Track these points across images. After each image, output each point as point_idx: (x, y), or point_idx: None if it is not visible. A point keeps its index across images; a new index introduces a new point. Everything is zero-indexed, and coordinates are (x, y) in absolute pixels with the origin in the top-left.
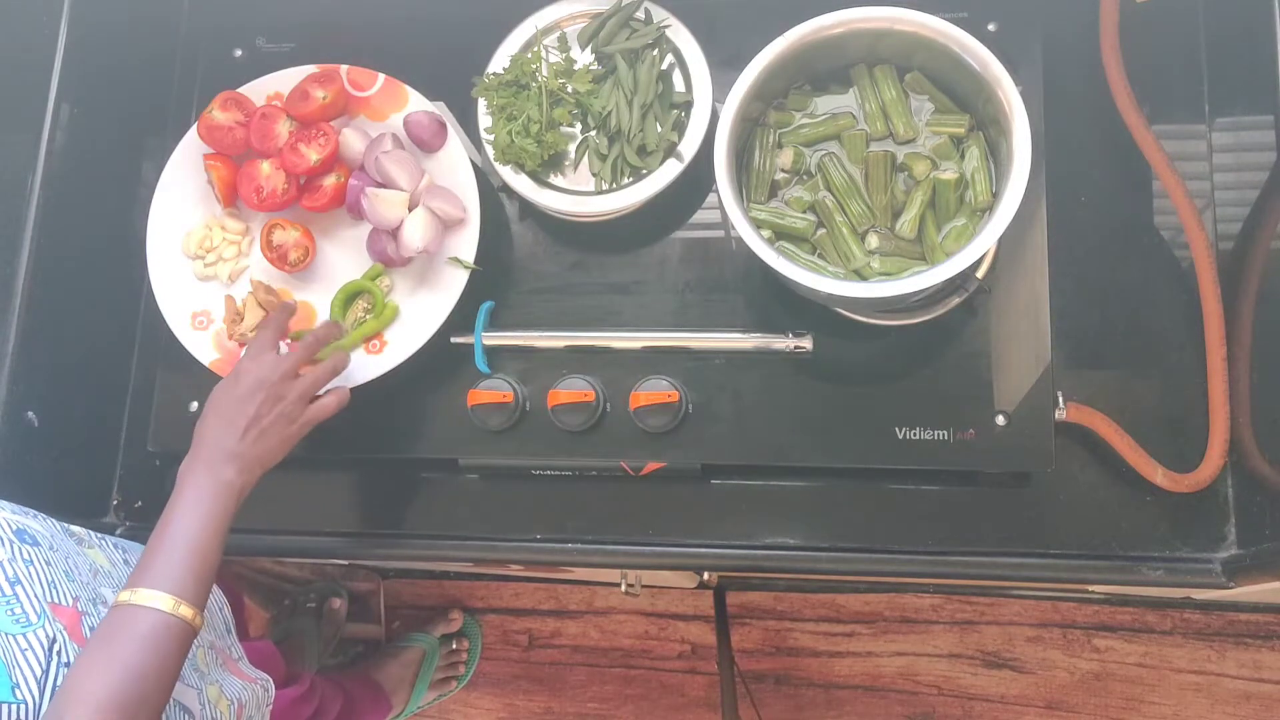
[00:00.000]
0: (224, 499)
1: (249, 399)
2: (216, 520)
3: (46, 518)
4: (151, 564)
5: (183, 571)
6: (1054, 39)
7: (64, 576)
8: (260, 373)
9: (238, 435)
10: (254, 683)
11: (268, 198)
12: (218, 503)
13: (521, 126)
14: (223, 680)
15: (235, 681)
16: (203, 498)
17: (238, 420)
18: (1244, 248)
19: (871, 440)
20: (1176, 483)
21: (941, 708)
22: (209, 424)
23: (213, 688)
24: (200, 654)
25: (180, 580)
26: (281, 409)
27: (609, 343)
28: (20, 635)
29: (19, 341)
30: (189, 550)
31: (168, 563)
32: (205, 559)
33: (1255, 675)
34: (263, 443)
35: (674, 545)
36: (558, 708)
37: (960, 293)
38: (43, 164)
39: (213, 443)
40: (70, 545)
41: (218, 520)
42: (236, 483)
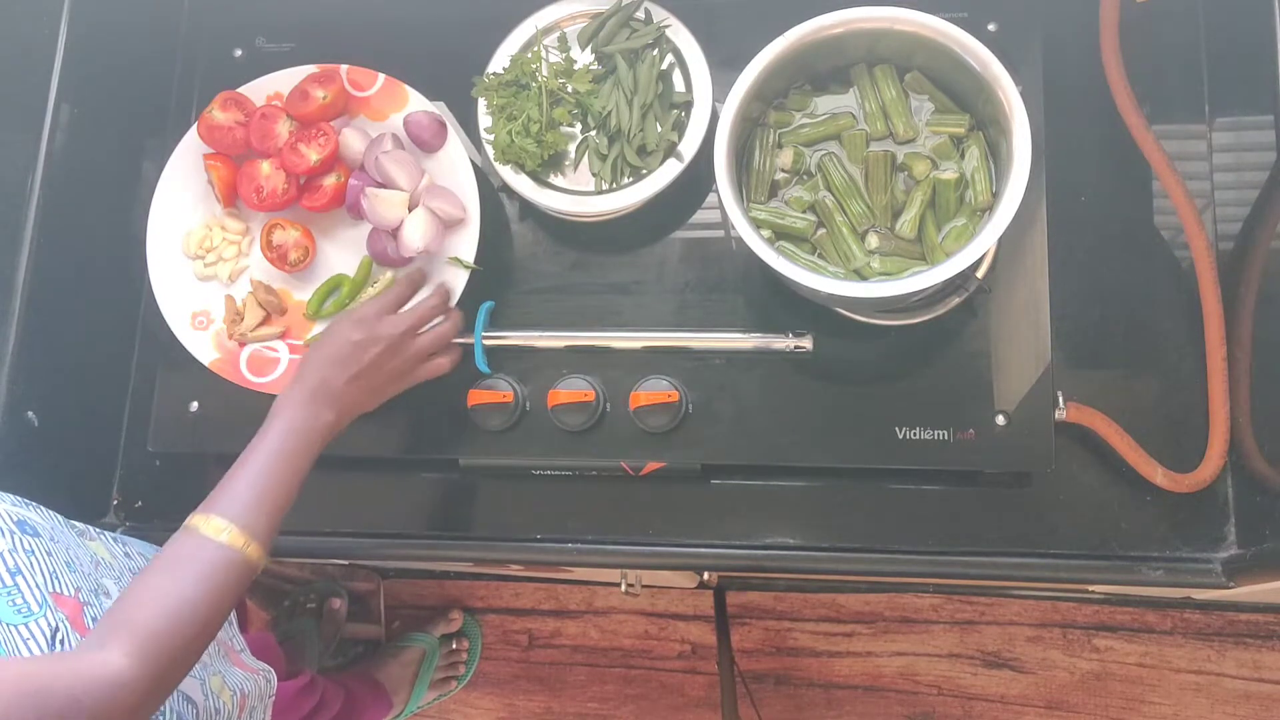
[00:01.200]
0: (315, 439)
1: (367, 346)
2: (303, 459)
3: (47, 510)
4: (229, 490)
5: (259, 508)
6: (1054, 39)
7: (65, 567)
8: (386, 325)
9: (348, 378)
10: (256, 674)
11: (268, 198)
12: (309, 441)
13: (521, 126)
14: (225, 671)
15: (237, 672)
16: (296, 433)
17: (350, 364)
18: (1244, 248)
19: (871, 440)
20: (1176, 483)
21: (941, 708)
22: (319, 360)
23: (215, 678)
24: None
25: (254, 517)
26: (397, 364)
27: (609, 343)
28: (22, 625)
29: (19, 341)
30: (270, 487)
31: (246, 495)
32: (283, 498)
33: (1255, 675)
34: (369, 392)
35: (674, 545)
36: (558, 708)
37: (960, 293)
38: (43, 164)
39: (320, 379)
40: (71, 537)
41: (304, 459)
42: (332, 425)
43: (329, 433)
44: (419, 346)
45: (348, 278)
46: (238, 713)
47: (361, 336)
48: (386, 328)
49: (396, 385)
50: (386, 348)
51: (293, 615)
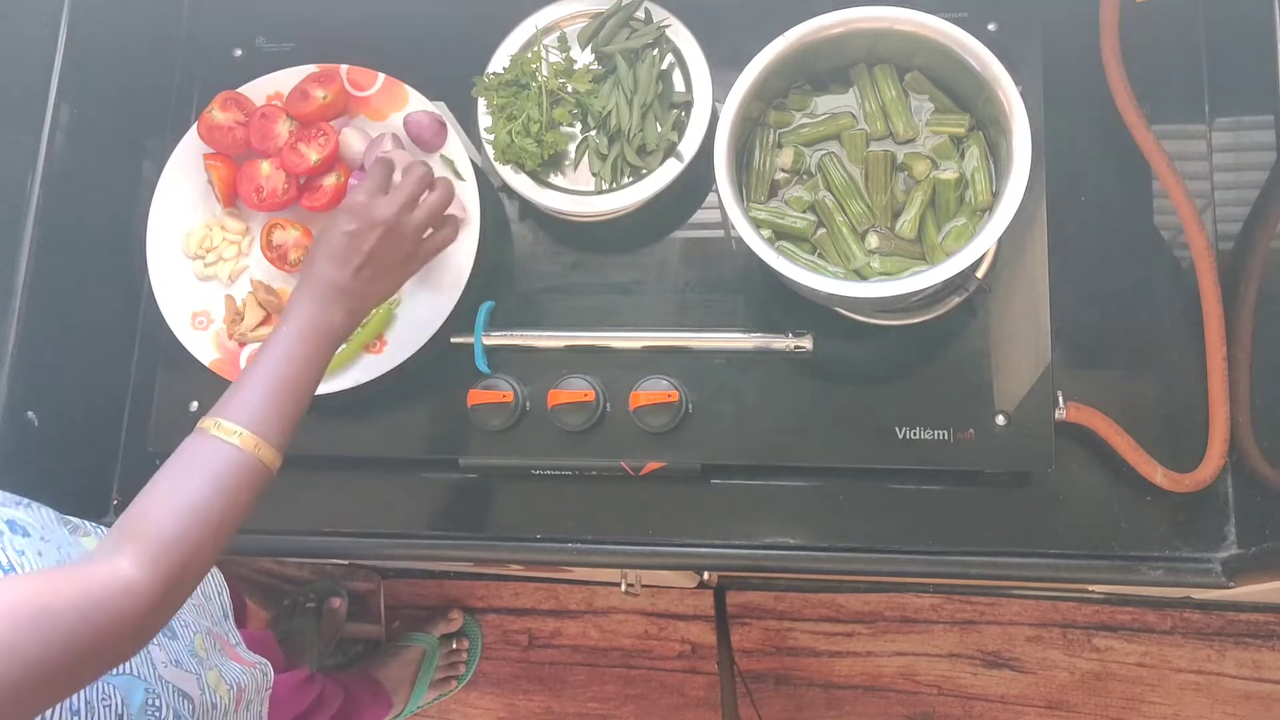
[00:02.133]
0: (327, 339)
1: (364, 235)
2: (315, 361)
3: (40, 507)
4: (240, 394)
5: (270, 411)
6: (1054, 39)
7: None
8: (377, 208)
9: (351, 271)
10: (253, 667)
11: (268, 198)
12: (320, 343)
13: (521, 126)
14: (221, 665)
15: (234, 666)
16: (306, 334)
17: (352, 257)
18: (1244, 248)
19: (871, 440)
20: (1176, 483)
21: (941, 708)
22: (320, 259)
23: (211, 673)
24: (199, 640)
25: (266, 419)
26: (399, 246)
27: (609, 343)
28: None
29: (19, 341)
30: (282, 390)
31: (257, 397)
32: (296, 401)
33: (1255, 675)
34: (377, 281)
35: (674, 545)
36: (558, 708)
37: (960, 293)
38: (43, 164)
39: (324, 278)
40: (63, 534)
41: (316, 361)
42: (344, 324)
43: (343, 331)
44: (416, 222)
45: None
46: (234, 706)
47: (356, 226)
48: (379, 210)
49: (404, 268)
50: (385, 231)
51: (293, 615)
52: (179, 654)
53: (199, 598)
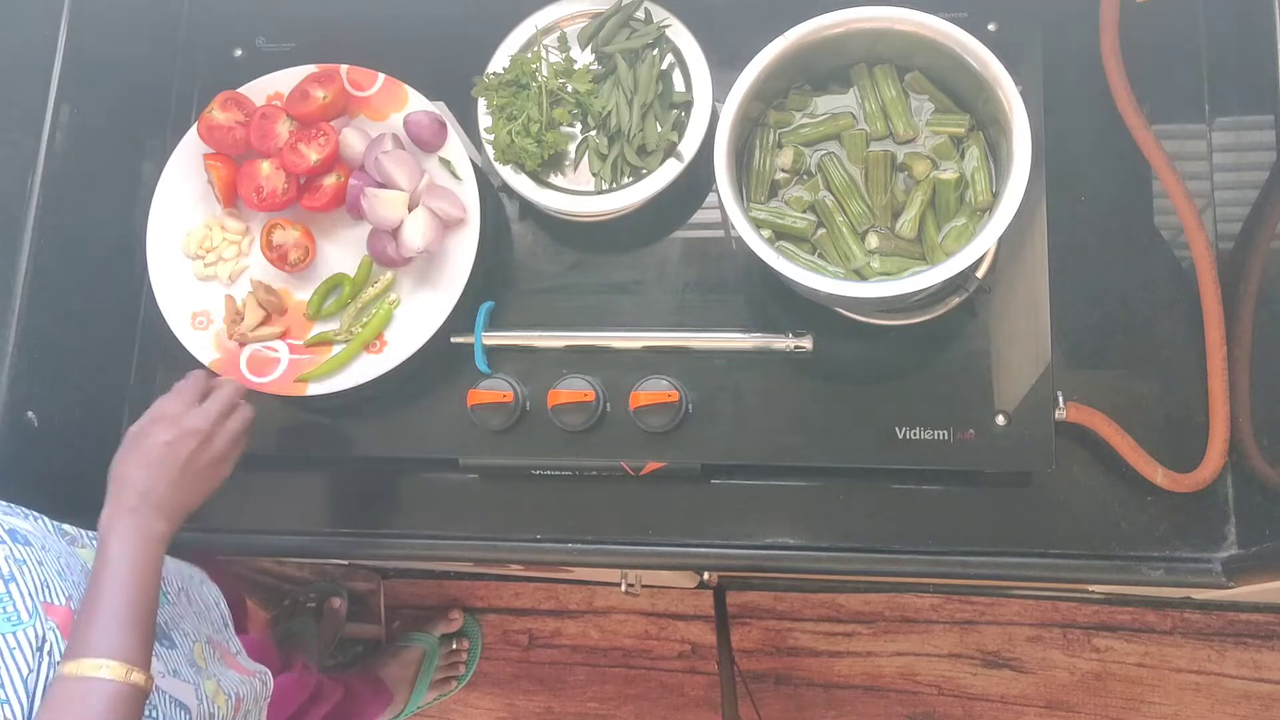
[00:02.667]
0: (154, 551)
1: (181, 444)
2: (149, 574)
3: (39, 517)
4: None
5: (125, 636)
6: (1054, 39)
7: (57, 576)
8: (193, 419)
9: (167, 481)
10: (252, 676)
11: (268, 198)
12: (149, 557)
13: (521, 126)
14: (220, 675)
15: (233, 675)
16: (132, 553)
17: (169, 466)
18: (1244, 248)
19: (871, 440)
20: (1177, 483)
21: (941, 708)
22: (133, 470)
23: (210, 683)
24: (198, 649)
25: (125, 645)
26: (213, 453)
27: (609, 343)
28: (10, 634)
29: (19, 341)
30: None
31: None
32: (144, 617)
33: (1255, 675)
34: (194, 490)
35: (674, 545)
36: (558, 708)
37: (960, 293)
38: (43, 164)
39: (140, 491)
40: (62, 545)
41: (151, 573)
42: (166, 533)
43: (165, 541)
44: (230, 431)
45: (348, 277)
46: (232, 715)
47: (171, 436)
48: (195, 421)
49: (217, 473)
50: (200, 441)
51: (293, 615)
52: (177, 663)
53: (198, 606)
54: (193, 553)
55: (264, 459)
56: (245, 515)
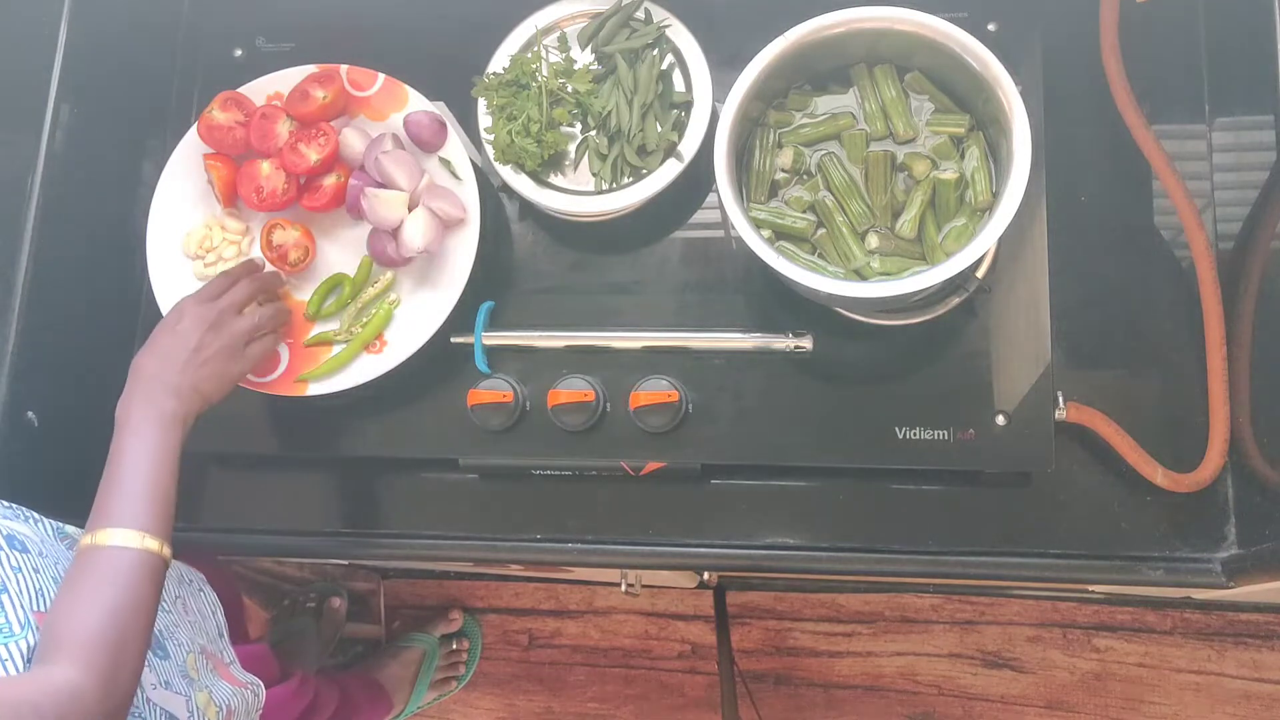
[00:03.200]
0: (168, 430)
1: (190, 333)
2: (164, 451)
3: (39, 520)
4: (106, 505)
5: (140, 505)
6: (1054, 39)
7: (52, 583)
8: (201, 309)
9: (177, 368)
10: (244, 688)
11: (268, 198)
12: (162, 434)
13: (521, 126)
14: (213, 686)
15: (225, 687)
16: (146, 431)
17: (178, 353)
18: (1244, 248)
19: (871, 440)
20: (1176, 483)
21: (941, 708)
22: (146, 360)
23: (201, 694)
24: (190, 659)
25: (139, 514)
26: (223, 343)
27: (609, 343)
28: (1, 646)
29: (19, 341)
30: (143, 484)
31: (123, 500)
32: (160, 490)
33: (1255, 675)
34: (203, 375)
35: (674, 545)
36: (558, 708)
37: (960, 293)
38: (43, 164)
39: (150, 376)
40: (60, 550)
41: (166, 451)
42: (179, 412)
43: (180, 422)
44: (241, 327)
45: (348, 277)
46: None
47: (180, 325)
48: (203, 310)
49: (230, 364)
50: (208, 329)
51: (293, 615)
52: (170, 675)
53: (194, 615)
54: (193, 553)
55: (264, 459)
56: (245, 515)
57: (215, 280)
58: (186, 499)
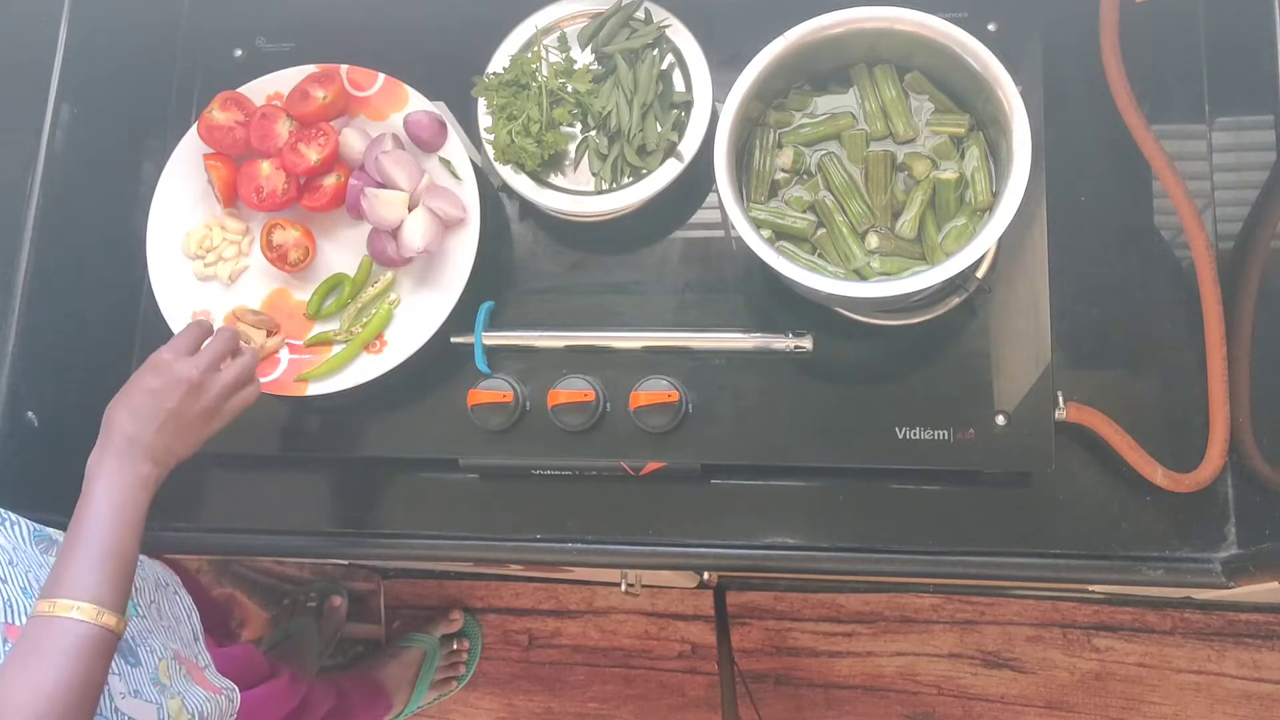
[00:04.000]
0: (139, 494)
1: (169, 392)
2: (132, 517)
3: (16, 523)
4: (68, 571)
5: (101, 577)
6: (1054, 39)
7: (21, 594)
8: (181, 367)
9: (154, 428)
10: (219, 693)
11: (268, 198)
12: (133, 499)
13: (521, 126)
14: (185, 692)
15: (199, 692)
16: (116, 494)
17: (156, 413)
18: (1244, 248)
19: (871, 440)
20: (1176, 483)
21: (941, 708)
22: (121, 416)
23: (173, 701)
24: (163, 666)
25: (99, 587)
26: (204, 405)
27: (609, 343)
28: None
29: (19, 341)
30: (106, 554)
31: (85, 569)
32: (123, 560)
33: (1255, 675)
34: (181, 437)
35: (674, 545)
36: (558, 708)
37: (960, 293)
38: (43, 164)
39: (127, 435)
40: (34, 557)
41: (133, 517)
42: (152, 476)
43: (151, 484)
44: (222, 382)
45: (348, 277)
46: None
47: (159, 384)
48: (184, 369)
49: (208, 425)
50: (188, 390)
51: (293, 614)
52: (139, 683)
53: (169, 620)
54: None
55: (264, 459)
56: (245, 515)
57: (191, 330)
58: (187, 499)
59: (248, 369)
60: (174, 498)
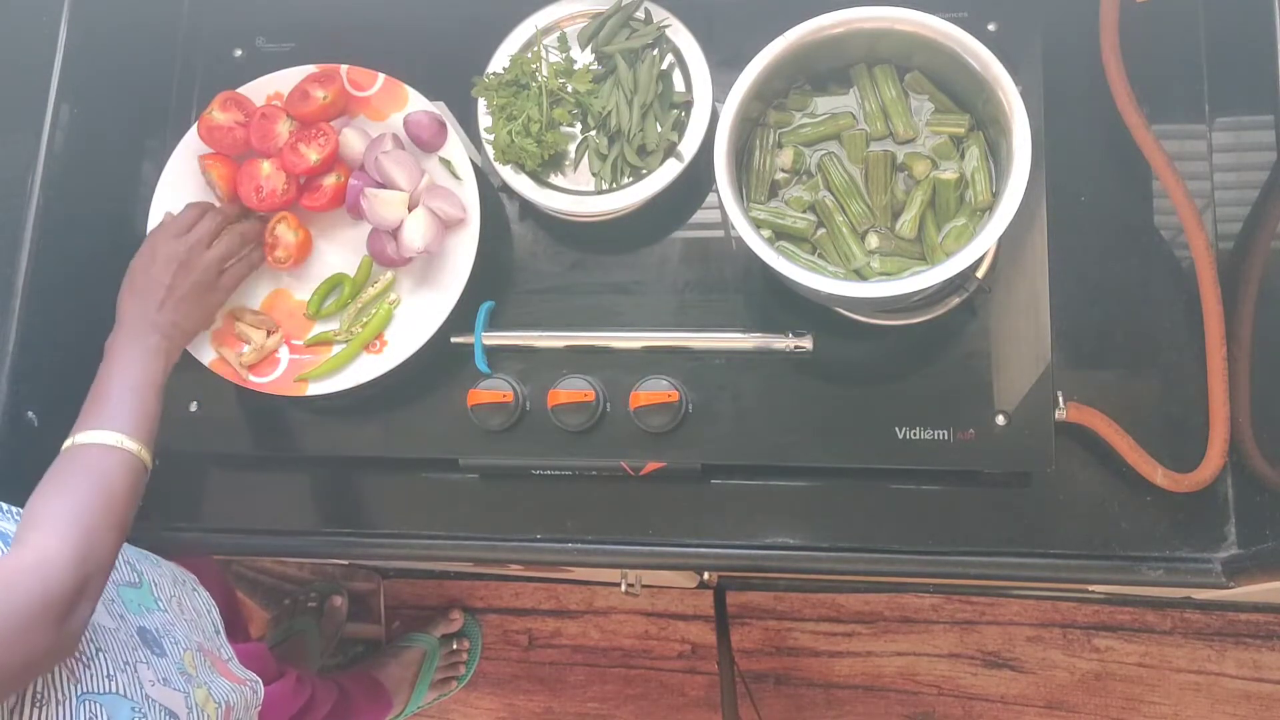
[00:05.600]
0: (153, 360)
1: (162, 270)
2: (149, 375)
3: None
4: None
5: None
6: (1054, 39)
7: None
8: (170, 245)
9: (155, 306)
10: (243, 684)
11: (267, 197)
12: (148, 363)
13: (521, 126)
14: (211, 682)
15: (224, 683)
16: (132, 359)
17: (154, 292)
18: (1244, 248)
19: (871, 440)
20: (1176, 483)
21: (941, 708)
22: (126, 300)
23: (200, 690)
24: (188, 657)
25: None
26: (196, 278)
27: (609, 343)
28: None
29: (19, 341)
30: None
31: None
32: (144, 405)
33: (1255, 675)
34: (182, 309)
35: (674, 545)
36: (558, 708)
37: (960, 293)
38: (43, 164)
39: (133, 316)
40: None
41: (150, 375)
42: (162, 345)
43: (164, 355)
44: (212, 256)
45: (348, 277)
46: None
47: (153, 264)
48: (172, 248)
49: (206, 297)
50: (180, 265)
51: (293, 614)
52: (167, 672)
53: (190, 614)
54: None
55: (264, 459)
56: (245, 515)
57: (185, 211)
58: (187, 499)
59: (234, 244)
60: (174, 498)
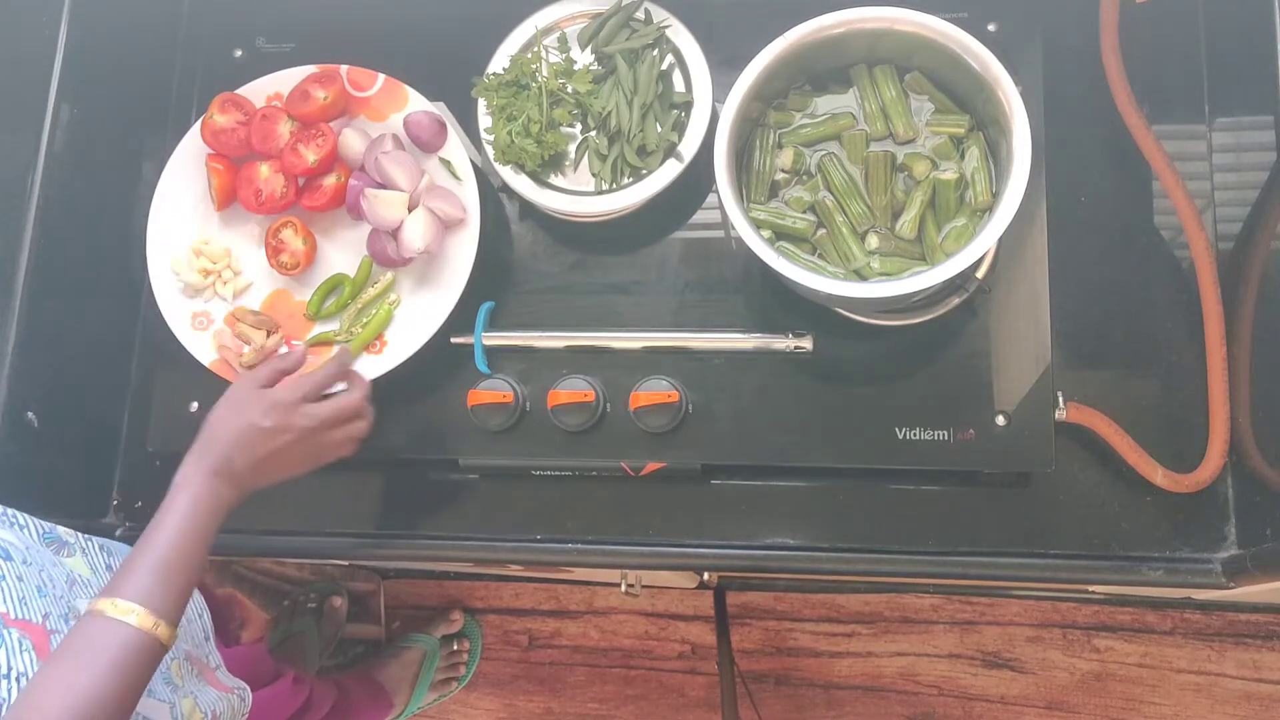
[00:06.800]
0: (218, 516)
1: (277, 434)
2: (206, 535)
3: (25, 526)
4: (136, 571)
5: (166, 587)
6: (1054, 39)
7: (35, 592)
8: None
9: (252, 462)
10: (230, 692)
11: (267, 200)
12: (212, 518)
13: (521, 126)
14: (198, 692)
15: (211, 692)
16: (199, 510)
17: (257, 449)
18: (1244, 248)
19: (871, 440)
20: (1176, 483)
21: (941, 708)
22: (226, 437)
23: (186, 700)
24: (175, 666)
25: (163, 596)
26: (308, 452)
27: (609, 343)
28: None
29: (19, 341)
30: (176, 564)
31: (153, 574)
32: (189, 575)
33: (1255, 675)
34: (270, 475)
35: (674, 545)
36: (558, 708)
37: (960, 293)
38: (43, 164)
39: (224, 458)
40: (47, 556)
41: (207, 536)
42: (233, 502)
43: (230, 508)
44: (334, 439)
45: (348, 278)
46: None
47: (272, 424)
48: (300, 420)
49: (298, 469)
50: (298, 438)
51: (293, 615)
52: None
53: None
54: None
55: None
56: (245, 515)
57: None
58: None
59: (359, 432)
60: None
